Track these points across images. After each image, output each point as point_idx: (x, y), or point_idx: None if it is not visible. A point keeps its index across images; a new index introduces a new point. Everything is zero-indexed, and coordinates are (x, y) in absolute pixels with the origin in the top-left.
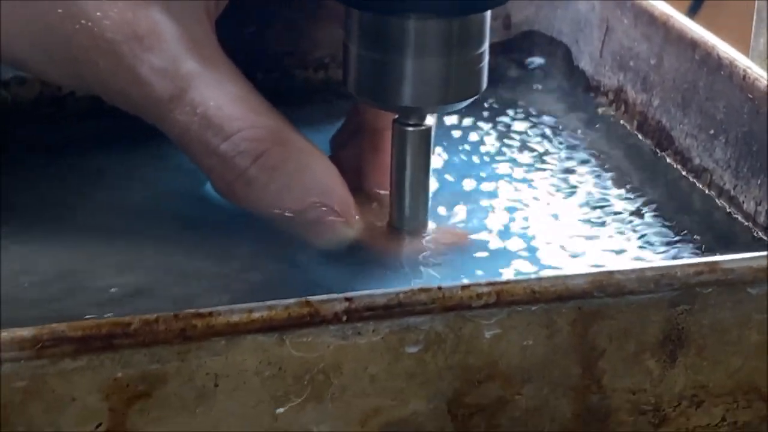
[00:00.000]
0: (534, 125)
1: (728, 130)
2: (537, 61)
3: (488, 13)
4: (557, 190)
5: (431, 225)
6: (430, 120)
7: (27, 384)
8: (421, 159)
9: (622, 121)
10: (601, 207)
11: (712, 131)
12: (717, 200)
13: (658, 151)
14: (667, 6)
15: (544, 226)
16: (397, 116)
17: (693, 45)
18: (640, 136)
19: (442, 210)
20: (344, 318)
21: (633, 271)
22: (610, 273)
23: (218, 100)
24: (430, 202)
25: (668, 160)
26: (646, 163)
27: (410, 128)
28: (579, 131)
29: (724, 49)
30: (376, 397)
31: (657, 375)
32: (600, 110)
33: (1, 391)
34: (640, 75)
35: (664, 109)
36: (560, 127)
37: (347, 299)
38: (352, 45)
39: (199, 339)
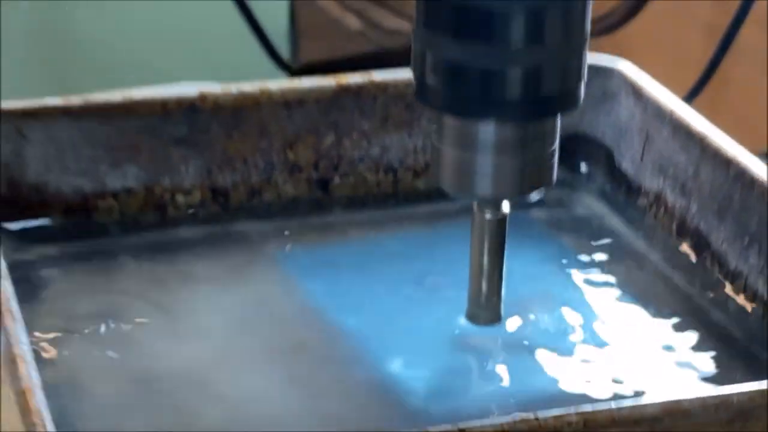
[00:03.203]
0: (577, 222)
1: (761, 240)
2: (582, 161)
3: (558, 116)
4: (591, 284)
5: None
6: (506, 208)
7: None
8: (498, 246)
9: (661, 223)
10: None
11: (746, 240)
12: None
13: (695, 253)
14: (704, 122)
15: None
16: (476, 205)
17: (728, 162)
18: (677, 238)
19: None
20: None
21: (697, 399)
22: (679, 402)
23: None
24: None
25: (706, 263)
26: (685, 265)
27: (488, 216)
28: (620, 229)
29: (758, 169)
30: None
31: None
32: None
33: None
34: (679, 181)
35: (701, 215)
36: (602, 223)
37: (461, 429)
38: (441, 145)
39: None
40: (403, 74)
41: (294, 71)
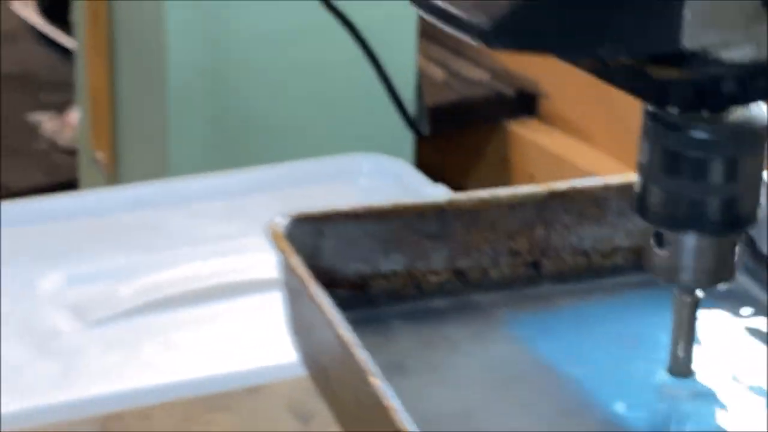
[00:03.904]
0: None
1: None
2: None
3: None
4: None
5: None
6: (700, 294)
7: None
8: (691, 320)
9: None
10: None
11: None
12: None
13: None
14: None
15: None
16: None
17: None
18: None
19: None
20: None
21: None
22: None
23: None
24: None
25: None
26: None
27: (687, 299)
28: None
29: None
30: None
31: None
32: None
33: None
34: None
35: None
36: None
37: None
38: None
39: None
40: (595, 182)
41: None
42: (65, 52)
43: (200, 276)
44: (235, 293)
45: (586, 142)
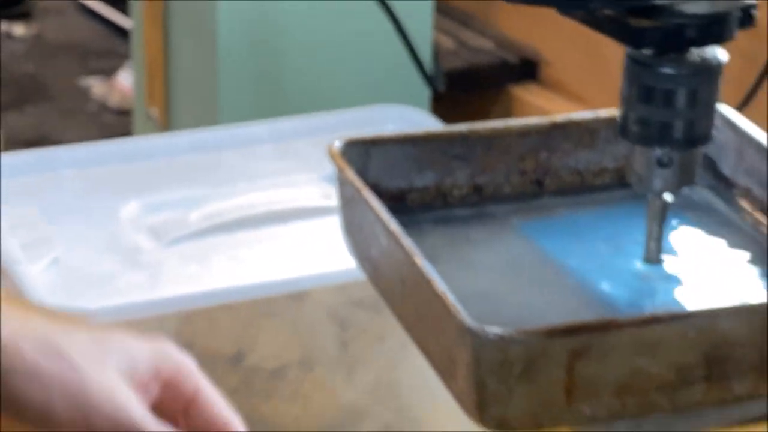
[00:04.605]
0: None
1: None
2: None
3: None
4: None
5: None
6: (668, 198)
7: None
8: (661, 219)
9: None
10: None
11: None
12: None
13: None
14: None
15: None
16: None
17: None
18: (755, 216)
19: None
20: None
21: None
22: None
23: None
24: None
25: None
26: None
27: (657, 202)
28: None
29: None
30: None
31: None
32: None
33: None
34: (763, 181)
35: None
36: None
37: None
38: (633, 163)
39: None
40: (588, 115)
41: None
42: (107, 23)
43: (256, 204)
44: (285, 218)
45: (583, 104)
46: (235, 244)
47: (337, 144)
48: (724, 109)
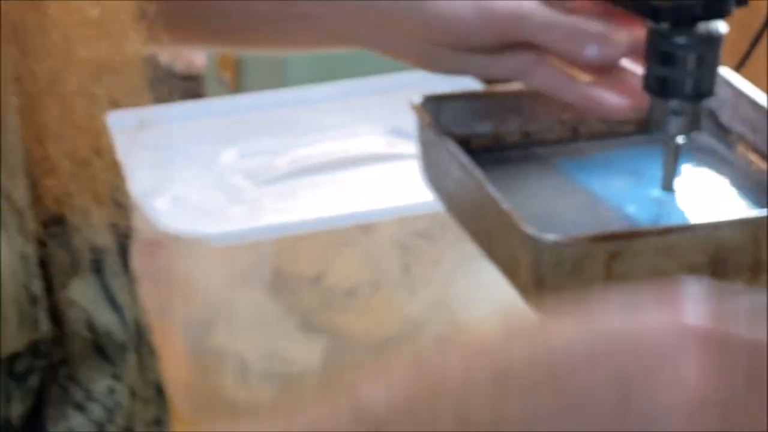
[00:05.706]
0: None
1: None
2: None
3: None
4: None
5: None
6: (680, 140)
7: None
8: (676, 157)
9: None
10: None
11: None
12: None
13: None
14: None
15: None
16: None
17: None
18: (749, 156)
19: None
20: None
21: None
22: None
23: None
24: None
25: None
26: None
27: (673, 143)
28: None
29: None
30: None
31: None
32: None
33: None
34: (755, 129)
35: (763, 144)
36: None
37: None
38: (654, 111)
39: None
40: None
41: None
42: None
43: (331, 151)
44: (357, 163)
45: None
46: (316, 184)
47: (417, 99)
48: (724, 71)
